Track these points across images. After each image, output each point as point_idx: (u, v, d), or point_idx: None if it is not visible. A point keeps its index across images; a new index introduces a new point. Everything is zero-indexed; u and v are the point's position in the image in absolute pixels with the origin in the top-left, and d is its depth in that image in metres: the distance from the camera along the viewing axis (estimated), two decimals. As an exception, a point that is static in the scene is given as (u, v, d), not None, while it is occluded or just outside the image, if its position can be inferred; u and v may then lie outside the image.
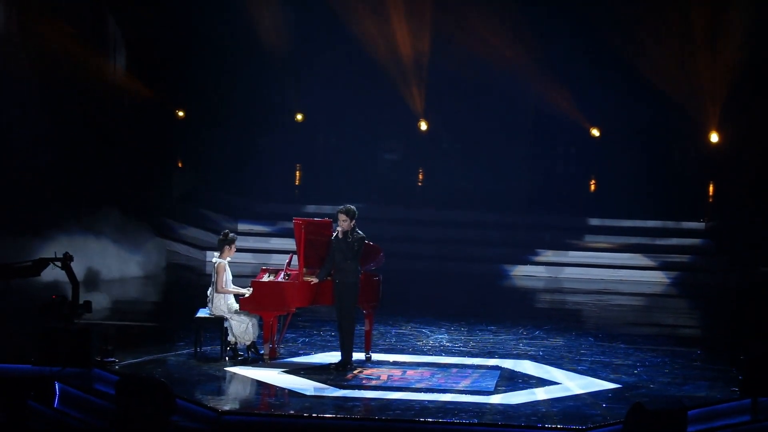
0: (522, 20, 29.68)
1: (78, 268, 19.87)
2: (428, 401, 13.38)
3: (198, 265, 26.84)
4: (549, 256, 28.16)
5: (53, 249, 20.05)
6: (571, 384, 14.66)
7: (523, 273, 27.62)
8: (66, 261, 14.47)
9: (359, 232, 15.04)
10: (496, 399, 13.63)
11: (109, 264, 24.17)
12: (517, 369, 15.53)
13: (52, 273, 15.01)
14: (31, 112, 25.60)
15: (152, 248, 25.98)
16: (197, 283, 22.54)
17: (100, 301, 19.41)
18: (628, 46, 29.47)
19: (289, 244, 18.55)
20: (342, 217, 15.00)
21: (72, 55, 27.92)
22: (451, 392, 13.95)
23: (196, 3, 29.07)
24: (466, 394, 13.86)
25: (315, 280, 15.20)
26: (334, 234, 15.11)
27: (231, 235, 15.69)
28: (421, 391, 13.93)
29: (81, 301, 14.31)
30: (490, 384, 14.47)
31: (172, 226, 28.73)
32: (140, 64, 29.90)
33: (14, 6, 26.36)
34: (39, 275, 14.82)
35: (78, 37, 27.93)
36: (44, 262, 14.59)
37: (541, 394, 14.01)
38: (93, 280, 23.18)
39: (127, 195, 27.24)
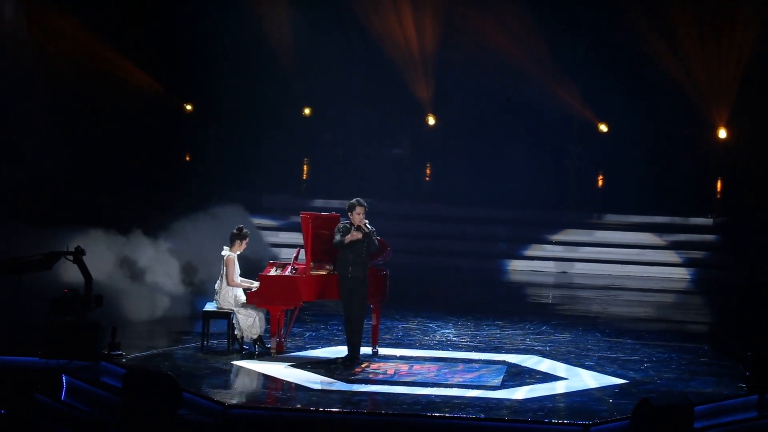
0: (531, 17, 29.65)
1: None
2: (435, 396, 13.38)
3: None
4: (557, 251, 28.18)
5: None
6: (578, 379, 14.66)
7: (531, 268, 27.62)
8: (78, 255, 14.46)
9: (370, 228, 15.06)
10: (502, 394, 13.63)
11: None
12: (523, 364, 15.53)
13: None
14: (39, 108, 25.62)
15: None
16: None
17: None
18: (638, 43, 29.44)
19: (297, 238, 18.57)
20: (360, 209, 15.02)
21: (80, 49, 27.97)
22: (457, 387, 13.94)
23: None
24: (472, 388, 13.86)
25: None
26: (341, 225, 15.11)
27: (245, 230, 15.71)
28: (427, 386, 13.93)
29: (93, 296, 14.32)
30: (497, 379, 14.47)
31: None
32: (149, 58, 29.92)
33: (23, 2, 26.40)
34: (50, 269, 14.81)
35: (87, 32, 27.97)
36: (56, 256, 14.57)
37: (547, 389, 14.01)
38: None
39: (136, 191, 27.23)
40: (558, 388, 14.11)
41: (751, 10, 28.86)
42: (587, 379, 14.67)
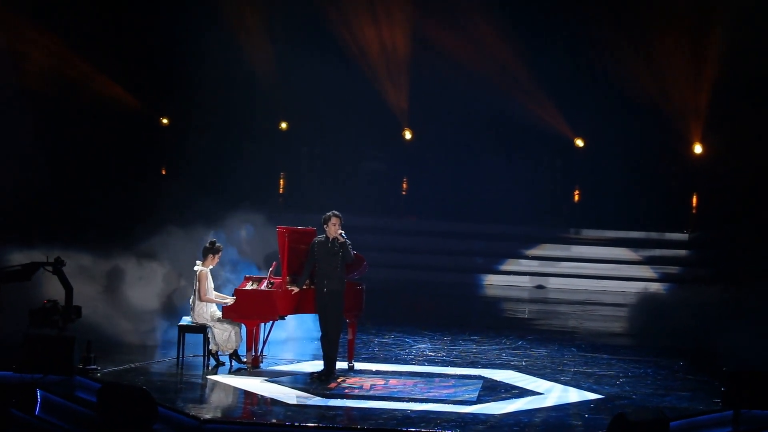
0: (508, 31, 29.72)
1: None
2: (411, 410, 13.37)
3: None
4: (533, 266, 28.23)
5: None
6: (554, 394, 14.68)
7: (507, 283, 27.64)
8: (57, 265, 14.41)
9: (346, 238, 15.06)
10: (478, 409, 13.64)
11: None
12: (499, 379, 15.55)
13: None
14: (15, 122, 25.52)
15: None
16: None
17: None
18: (613, 59, 29.55)
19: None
20: (335, 220, 15.04)
21: (57, 63, 27.91)
22: (433, 402, 13.95)
23: (181, 14, 29.02)
24: (448, 403, 13.87)
25: (296, 289, 15.20)
26: (316, 240, 15.12)
27: (218, 244, 15.69)
28: (403, 401, 13.93)
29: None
30: (473, 394, 14.47)
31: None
32: (126, 72, 29.86)
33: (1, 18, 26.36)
34: (30, 279, 14.75)
35: (63, 46, 27.93)
36: (34, 266, 14.52)
37: (523, 404, 14.02)
38: None
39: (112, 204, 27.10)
40: (534, 403, 14.13)
41: (723, 26, 29.00)
42: (563, 394, 14.69)
